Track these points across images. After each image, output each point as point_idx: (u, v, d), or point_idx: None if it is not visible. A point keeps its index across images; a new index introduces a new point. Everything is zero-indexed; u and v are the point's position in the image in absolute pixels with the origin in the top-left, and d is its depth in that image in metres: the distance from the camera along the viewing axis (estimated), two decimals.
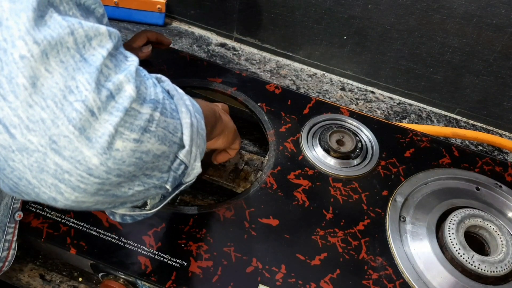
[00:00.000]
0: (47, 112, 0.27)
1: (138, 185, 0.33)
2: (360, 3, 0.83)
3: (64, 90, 0.27)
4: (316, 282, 0.50)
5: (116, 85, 0.29)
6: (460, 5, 0.77)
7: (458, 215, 0.56)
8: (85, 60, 0.28)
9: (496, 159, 0.67)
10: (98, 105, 0.28)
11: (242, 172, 0.64)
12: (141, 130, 0.30)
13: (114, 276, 0.51)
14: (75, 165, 0.28)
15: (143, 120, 0.30)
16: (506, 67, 0.82)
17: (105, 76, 0.29)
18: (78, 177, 0.28)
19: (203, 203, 0.64)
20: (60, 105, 0.27)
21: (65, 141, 0.27)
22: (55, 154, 0.27)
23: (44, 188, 0.29)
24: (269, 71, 0.94)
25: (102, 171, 0.29)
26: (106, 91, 0.28)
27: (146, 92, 0.31)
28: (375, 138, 0.67)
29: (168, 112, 0.33)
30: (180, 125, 0.35)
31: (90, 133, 0.28)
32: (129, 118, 0.29)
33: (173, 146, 0.34)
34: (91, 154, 0.28)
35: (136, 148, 0.30)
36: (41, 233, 0.51)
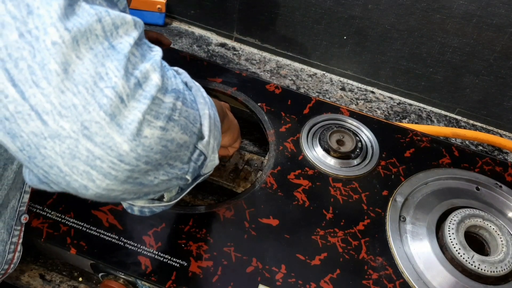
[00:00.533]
0: (78, 98, 0.27)
1: (162, 175, 0.33)
2: (360, 3, 0.83)
3: (95, 76, 0.27)
4: (316, 282, 0.50)
5: (143, 73, 0.29)
6: (460, 5, 0.77)
7: (458, 215, 0.56)
8: (113, 48, 0.28)
9: (496, 159, 0.67)
10: (127, 92, 0.28)
11: (242, 172, 0.64)
12: (166, 118, 0.31)
13: (114, 276, 0.51)
14: (107, 151, 0.28)
15: (167, 109, 0.31)
16: (506, 67, 0.82)
17: (133, 64, 0.29)
18: (109, 163, 0.29)
19: (203, 203, 0.64)
20: (91, 91, 0.27)
21: (97, 127, 0.27)
22: (87, 140, 0.28)
23: (76, 175, 0.29)
24: (269, 71, 0.94)
25: (132, 158, 0.29)
26: (134, 78, 0.29)
27: (168, 82, 0.32)
28: (375, 138, 0.67)
29: (188, 102, 0.34)
30: (199, 116, 0.35)
31: (120, 119, 0.28)
32: (155, 106, 0.30)
33: (193, 137, 0.35)
34: (121, 140, 0.28)
35: (163, 136, 0.31)
36: (41, 233, 0.51)
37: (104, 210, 0.53)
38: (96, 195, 0.30)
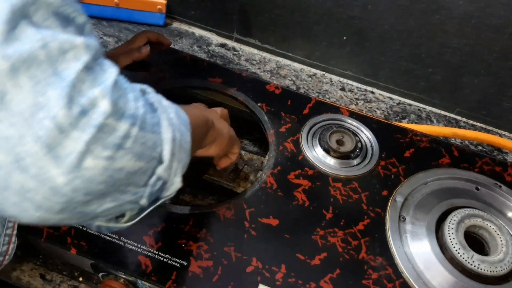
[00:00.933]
0: (14, 128, 0.26)
1: (109, 201, 0.32)
2: (360, 3, 0.83)
3: (33, 106, 0.26)
4: (316, 281, 0.50)
5: (90, 100, 0.28)
6: (459, 6, 0.77)
7: (457, 215, 0.56)
8: (57, 75, 0.27)
9: (495, 159, 0.68)
10: (69, 122, 0.27)
11: (242, 172, 0.64)
12: (115, 147, 0.29)
13: (115, 275, 0.51)
14: (40, 184, 0.27)
15: (118, 137, 0.29)
16: (506, 67, 0.82)
17: (79, 91, 0.28)
18: (42, 195, 0.28)
19: (203, 203, 0.64)
20: (28, 122, 0.26)
21: (31, 159, 0.26)
22: (20, 172, 0.27)
23: (8, 205, 0.28)
24: (269, 71, 0.94)
25: (68, 190, 0.28)
26: (78, 107, 0.27)
27: (125, 106, 0.30)
28: (374, 138, 0.67)
29: (149, 126, 0.32)
30: (160, 140, 0.33)
31: (59, 151, 0.27)
32: (103, 134, 0.28)
33: (152, 162, 0.33)
34: (57, 173, 0.27)
35: (108, 166, 0.29)
36: (41, 233, 0.51)
37: None
38: (30, 223, 0.30)
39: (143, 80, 0.71)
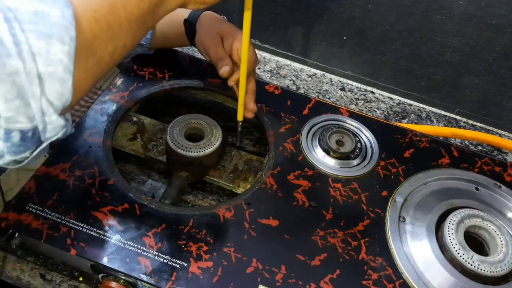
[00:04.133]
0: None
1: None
2: (360, 3, 0.83)
3: None
4: (316, 282, 0.50)
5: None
6: (460, 6, 0.77)
7: (457, 215, 0.56)
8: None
9: (495, 159, 0.68)
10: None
11: (242, 173, 0.64)
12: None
13: (114, 277, 0.51)
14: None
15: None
16: (506, 67, 0.82)
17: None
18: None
19: (203, 204, 0.64)
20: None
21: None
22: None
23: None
24: (269, 71, 0.94)
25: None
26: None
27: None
28: (374, 139, 0.67)
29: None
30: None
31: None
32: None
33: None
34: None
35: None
36: (41, 234, 0.51)
37: (104, 211, 0.53)
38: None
39: (143, 80, 0.72)
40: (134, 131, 0.65)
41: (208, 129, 0.62)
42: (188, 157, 0.59)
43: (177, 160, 0.60)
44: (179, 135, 0.60)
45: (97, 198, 0.54)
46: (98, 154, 0.59)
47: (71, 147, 0.59)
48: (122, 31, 0.33)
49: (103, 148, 0.59)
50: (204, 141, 0.60)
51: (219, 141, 0.60)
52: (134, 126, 0.65)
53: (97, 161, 0.58)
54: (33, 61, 0.27)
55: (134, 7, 0.33)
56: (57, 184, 0.55)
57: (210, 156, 0.60)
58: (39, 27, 0.27)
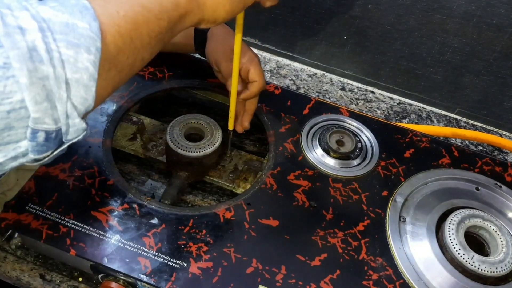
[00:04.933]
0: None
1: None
2: (360, 3, 0.83)
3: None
4: (316, 282, 0.50)
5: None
6: (460, 5, 0.77)
7: (458, 216, 0.56)
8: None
9: (496, 159, 0.67)
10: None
11: (242, 173, 0.64)
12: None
13: (114, 277, 0.51)
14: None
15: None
16: (506, 67, 0.82)
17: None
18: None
19: (203, 204, 0.64)
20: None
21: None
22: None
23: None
24: (269, 71, 0.94)
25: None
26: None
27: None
28: (375, 139, 0.67)
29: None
30: (17, 83, 0.27)
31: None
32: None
33: (13, 113, 0.28)
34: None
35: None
36: (40, 234, 0.51)
37: (104, 211, 0.53)
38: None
39: (143, 80, 0.72)
40: (134, 131, 0.65)
41: (208, 129, 0.61)
42: (188, 157, 0.58)
43: (177, 160, 0.60)
44: (179, 135, 0.60)
45: (96, 198, 0.54)
46: (97, 154, 0.59)
47: (70, 147, 0.58)
48: (143, 46, 0.35)
49: (102, 148, 0.59)
50: (204, 141, 0.60)
51: (219, 141, 0.60)
52: (134, 126, 0.65)
53: (97, 161, 0.58)
54: (62, 67, 0.29)
55: (155, 25, 0.36)
56: (57, 184, 0.55)
57: (210, 156, 0.60)
58: (69, 37, 0.29)
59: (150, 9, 0.35)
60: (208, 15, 0.40)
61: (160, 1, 0.36)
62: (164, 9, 0.36)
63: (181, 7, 0.38)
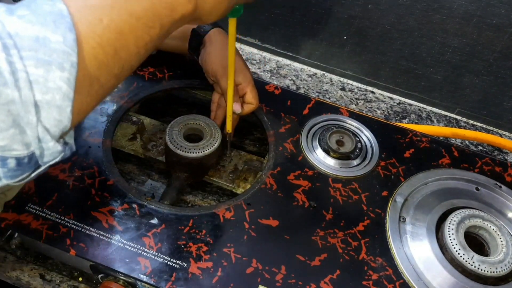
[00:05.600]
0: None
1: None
2: (360, 3, 0.83)
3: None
4: (316, 283, 0.50)
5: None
6: (460, 5, 0.77)
7: (458, 216, 0.56)
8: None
9: (495, 159, 0.67)
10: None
11: (241, 173, 0.64)
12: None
13: (114, 277, 0.51)
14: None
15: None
16: (506, 67, 0.82)
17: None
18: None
19: (203, 204, 0.64)
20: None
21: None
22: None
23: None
24: (269, 71, 0.94)
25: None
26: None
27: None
28: (374, 139, 0.67)
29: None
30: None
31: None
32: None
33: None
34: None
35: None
36: (40, 234, 0.51)
37: (103, 211, 0.53)
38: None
39: (143, 80, 0.72)
40: (134, 131, 0.65)
41: (207, 130, 0.61)
42: (187, 158, 0.58)
43: (176, 161, 0.60)
44: (178, 136, 0.60)
45: (96, 198, 0.54)
46: (97, 154, 0.59)
47: None
48: (129, 55, 0.32)
49: (102, 148, 0.59)
50: (203, 141, 0.60)
51: (218, 141, 0.60)
52: (133, 126, 0.65)
53: (97, 161, 0.58)
54: (29, 89, 0.26)
55: (144, 33, 0.32)
56: (57, 185, 0.55)
57: (209, 157, 0.60)
58: (39, 54, 0.27)
59: (140, 16, 0.31)
60: (204, 16, 0.38)
61: (153, 6, 0.32)
62: (157, 16, 0.33)
63: (177, 12, 0.34)
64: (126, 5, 0.31)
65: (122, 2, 0.31)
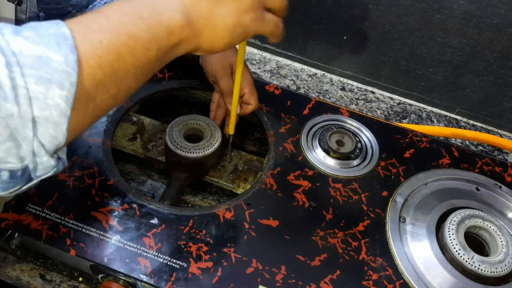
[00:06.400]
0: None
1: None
2: (360, 3, 0.83)
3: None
4: (316, 283, 0.50)
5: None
6: (460, 5, 0.77)
7: (458, 216, 0.56)
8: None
9: (496, 159, 0.67)
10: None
11: (241, 173, 0.64)
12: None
13: (114, 277, 0.51)
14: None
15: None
16: (506, 67, 0.82)
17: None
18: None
19: (203, 204, 0.64)
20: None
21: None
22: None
23: None
24: (269, 71, 0.94)
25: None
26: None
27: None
28: (374, 139, 0.67)
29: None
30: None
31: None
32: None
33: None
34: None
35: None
36: (40, 234, 0.51)
37: (103, 211, 0.53)
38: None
39: None
40: (134, 131, 0.65)
41: (207, 130, 0.61)
42: (187, 158, 0.58)
43: (176, 161, 0.60)
44: (178, 136, 0.60)
45: (96, 198, 0.54)
46: (97, 155, 0.59)
47: (70, 148, 0.59)
48: (127, 76, 0.33)
49: (102, 148, 0.59)
50: (203, 142, 0.60)
51: (218, 142, 0.60)
52: (134, 126, 0.65)
53: (97, 162, 0.58)
54: (28, 105, 0.27)
55: (142, 55, 0.33)
56: (57, 185, 0.55)
57: (209, 157, 0.60)
58: (40, 72, 0.28)
59: (138, 38, 0.33)
60: (204, 44, 0.38)
61: (150, 29, 0.33)
62: (154, 38, 0.33)
63: (174, 36, 0.35)
64: (124, 27, 0.32)
65: (120, 25, 0.32)
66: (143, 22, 0.33)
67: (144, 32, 0.33)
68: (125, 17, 0.33)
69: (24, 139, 0.28)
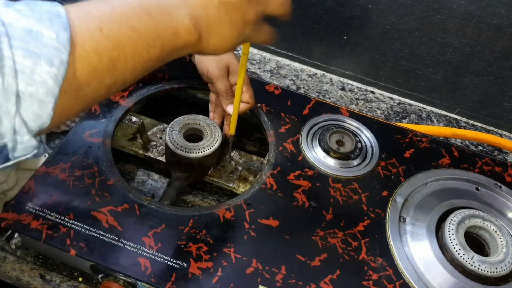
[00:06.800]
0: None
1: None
2: (360, 3, 0.83)
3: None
4: (316, 283, 0.50)
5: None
6: (460, 5, 0.77)
7: (458, 216, 0.56)
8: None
9: (496, 159, 0.67)
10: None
11: (242, 173, 0.64)
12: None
13: (114, 277, 0.51)
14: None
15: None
16: (506, 67, 0.82)
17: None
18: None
19: (203, 204, 0.64)
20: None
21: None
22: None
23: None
24: (269, 71, 0.94)
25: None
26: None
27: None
28: (374, 139, 0.67)
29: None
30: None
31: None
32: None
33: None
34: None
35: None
36: (40, 234, 0.51)
37: (103, 211, 0.53)
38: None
39: (143, 80, 0.71)
40: (134, 131, 0.65)
41: (207, 130, 0.61)
42: (187, 158, 0.58)
43: (176, 161, 0.60)
44: (178, 136, 0.60)
45: (96, 198, 0.54)
46: (97, 154, 0.59)
47: (70, 147, 0.59)
48: (125, 69, 0.32)
49: (102, 148, 0.59)
50: (203, 142, 0.60)
51: (219, 142, 0.60)
52: (134, 126, 0.65)
53: (97, 161, 0.58)
54: (14, 77, 0.26)
55: (144, 50, 0.32)
56: (57, 184, 0.55)
57: (209, 157, 0.60)
58: (29, 46, 0.26)
59: (142, 33, 0.32)
60: (207, 49, 0.38)
61: (157, 27, 0.33)
62: (159, 37, 0.33)
63: (180, 39, 0.35)
64: (129, 21, 0.31)
65: (124, 16, 0.31)
66: (150, 18, 0.32)
67: (149, 28, 0.32)
68: (131, 10, 0.32)
69: (6, 113, 0.26)
